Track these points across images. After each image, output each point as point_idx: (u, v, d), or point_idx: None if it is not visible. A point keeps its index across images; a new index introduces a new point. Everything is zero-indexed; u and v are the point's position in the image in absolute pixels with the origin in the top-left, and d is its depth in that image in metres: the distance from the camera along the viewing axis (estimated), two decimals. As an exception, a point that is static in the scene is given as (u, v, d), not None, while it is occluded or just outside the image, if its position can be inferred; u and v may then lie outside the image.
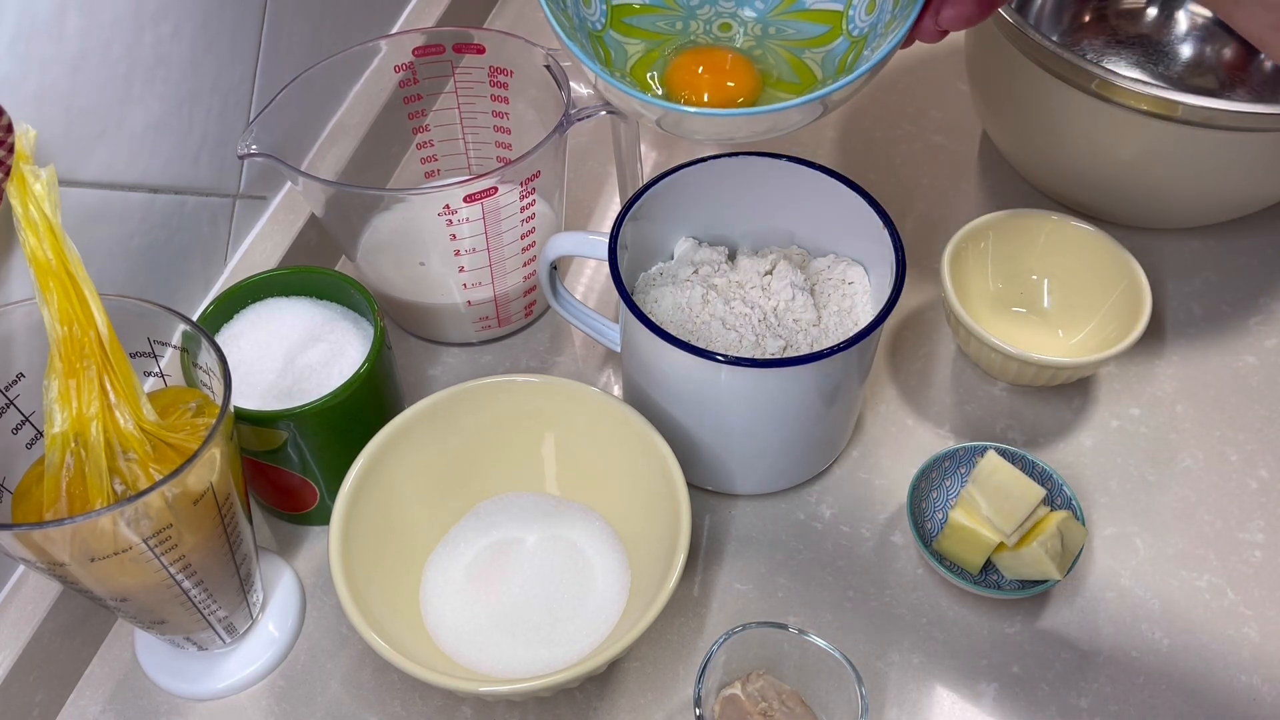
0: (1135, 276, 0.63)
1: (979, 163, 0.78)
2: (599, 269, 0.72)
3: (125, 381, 0.43)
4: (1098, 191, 0.69)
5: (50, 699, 0.53)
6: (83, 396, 0.42)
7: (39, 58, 0.47)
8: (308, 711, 0.54)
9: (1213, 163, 0.63)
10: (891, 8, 0.49)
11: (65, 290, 0.41)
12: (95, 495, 0.43)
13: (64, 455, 0.43)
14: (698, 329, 0.57)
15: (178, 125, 0.57)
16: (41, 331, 0.42)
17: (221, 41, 0.59)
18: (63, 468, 0.43)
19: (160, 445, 0.45)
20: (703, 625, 0.56)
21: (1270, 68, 0.76)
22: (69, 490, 0.43)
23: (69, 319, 0.42)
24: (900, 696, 0.54)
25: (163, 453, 0.45)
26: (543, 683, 0.46)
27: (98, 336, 0.42)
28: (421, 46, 0.64)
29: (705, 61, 0.53)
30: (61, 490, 0.43)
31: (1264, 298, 0.70)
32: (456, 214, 0.57)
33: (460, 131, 0.68)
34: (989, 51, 0.69)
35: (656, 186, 0.57)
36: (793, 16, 0.55)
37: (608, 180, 0.77)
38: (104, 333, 0.42)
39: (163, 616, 0.48)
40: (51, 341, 0.42)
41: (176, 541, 0.43)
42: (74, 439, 0.43)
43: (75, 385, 0.42)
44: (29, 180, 0.41)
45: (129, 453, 0.44)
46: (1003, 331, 0.65)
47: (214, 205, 0.62)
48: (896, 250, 0.54)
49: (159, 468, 0.44)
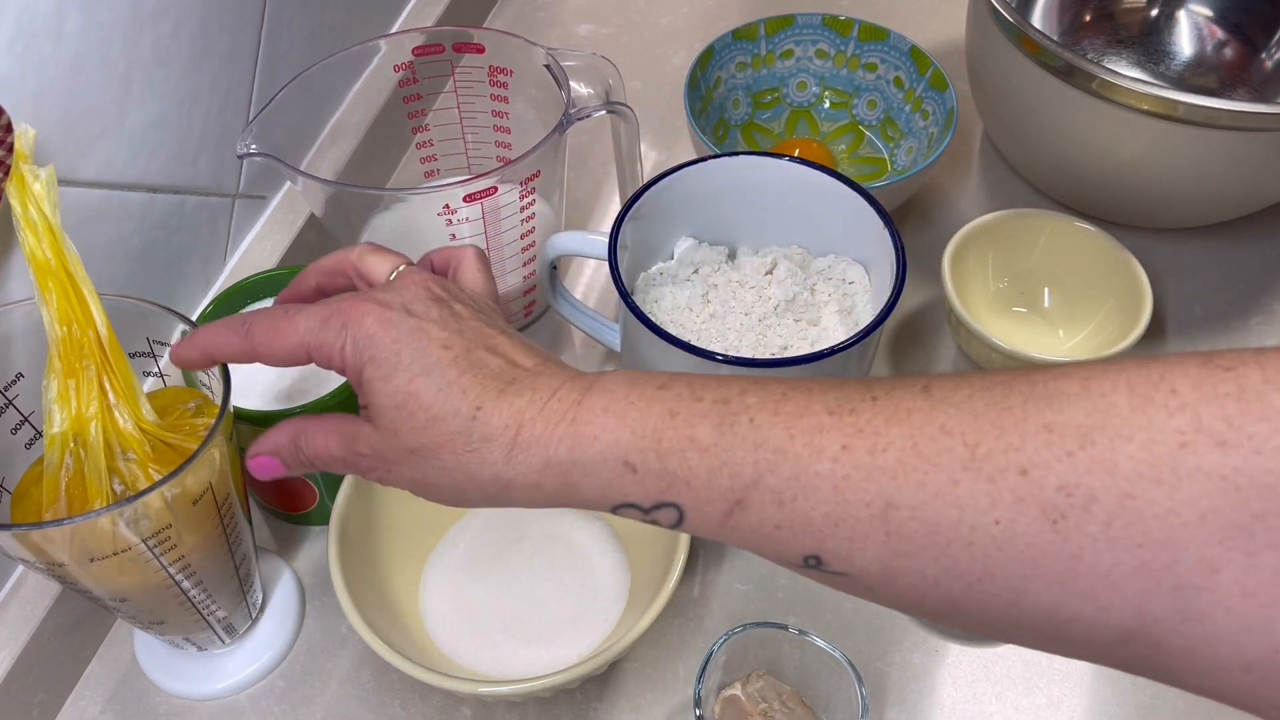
0: (1136, 276, 0.63)
1: (979, 163, 0.78)
2: (599, 269, 0.72)
3: (125, 381, 0.43)
4: (1098, 191, 0.69)
5: (50, 699, 0.53)
6: (82, 397, 0.42)
7: (38, 57, 0.47)
8: (307, 712, 0.53)
9: (1213, 163, 0.63)
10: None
11: (65, 290, 0.41)
12: (94, 495, 0.43)
13: (63, 455, 0.43)
14: (698, 329, 0.57)
15: (177, 125, 0.57)
16: (41, 331, 0.42)
17: (221, 41, 0.59)
18: (62, 468, 0.43)
19: (160, 445, 0.45)
20: (703, 625, 0.56)
21: (1270, 67, 0.76)
22: (68, 490, 0.43)
23: (68, 319, 0.42)
24: (900, 696, 0.54)
25: (162, 453, 0.45)
26: (543, 683, 0.46)
27: (97, 336, 0.42)
28: (421, 46, 0.64)
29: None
30: (61, 490, 0.43)
31: (1265, 297, 0.70)
32: (456, 214, 0.57)
33: (460, 131, 0.68)
34: (989, 51, 0.69)
35: (656, 186, 0.57)
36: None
37: (608, 180, 0.77)
38: (103, 333, 0.42)
39: (162, 617, 0.48)
40: (51, 341, 0.42)
41: (176, 542, 0.43)
42: (73, 439, 0.43)
43: (74, 385, 0.42)
44: (28, 180, 0.41)
45: (128, 453, 0.44)
46: (1003, 331, 0.65)
47: (213, 205, 0.62)
48: (897, 250, 0.54)
49: (158, 468, 0.44)
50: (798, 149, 0.73)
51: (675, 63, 0.85)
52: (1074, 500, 0.28)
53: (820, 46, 0.76)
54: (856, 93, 0.77)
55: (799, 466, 0.31)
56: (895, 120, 0.75)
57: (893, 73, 0.74)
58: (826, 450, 0.31)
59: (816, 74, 0.77)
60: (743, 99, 0.77)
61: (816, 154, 0.73)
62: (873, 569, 0.31)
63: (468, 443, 0.35)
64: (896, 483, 0.30)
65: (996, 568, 0.29)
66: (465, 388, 0.36)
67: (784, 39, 0.76)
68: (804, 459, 0.31)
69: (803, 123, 0.78)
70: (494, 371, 0.36)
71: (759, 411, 0.32)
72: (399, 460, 0.37)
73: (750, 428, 0.32)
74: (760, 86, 0.77)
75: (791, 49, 0.76)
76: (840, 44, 0.76)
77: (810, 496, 0.31)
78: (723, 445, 0.33)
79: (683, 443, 0.33)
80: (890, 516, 0.30)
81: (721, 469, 0.32)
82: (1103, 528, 0.27)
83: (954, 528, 0.29)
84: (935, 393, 0.31)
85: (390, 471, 0.37)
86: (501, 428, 0.35)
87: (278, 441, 0.40)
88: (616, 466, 0.34)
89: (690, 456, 0.33)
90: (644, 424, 0.34)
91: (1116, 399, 0.28)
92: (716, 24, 0.86)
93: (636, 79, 0.81)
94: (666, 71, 0.84)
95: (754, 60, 0.76)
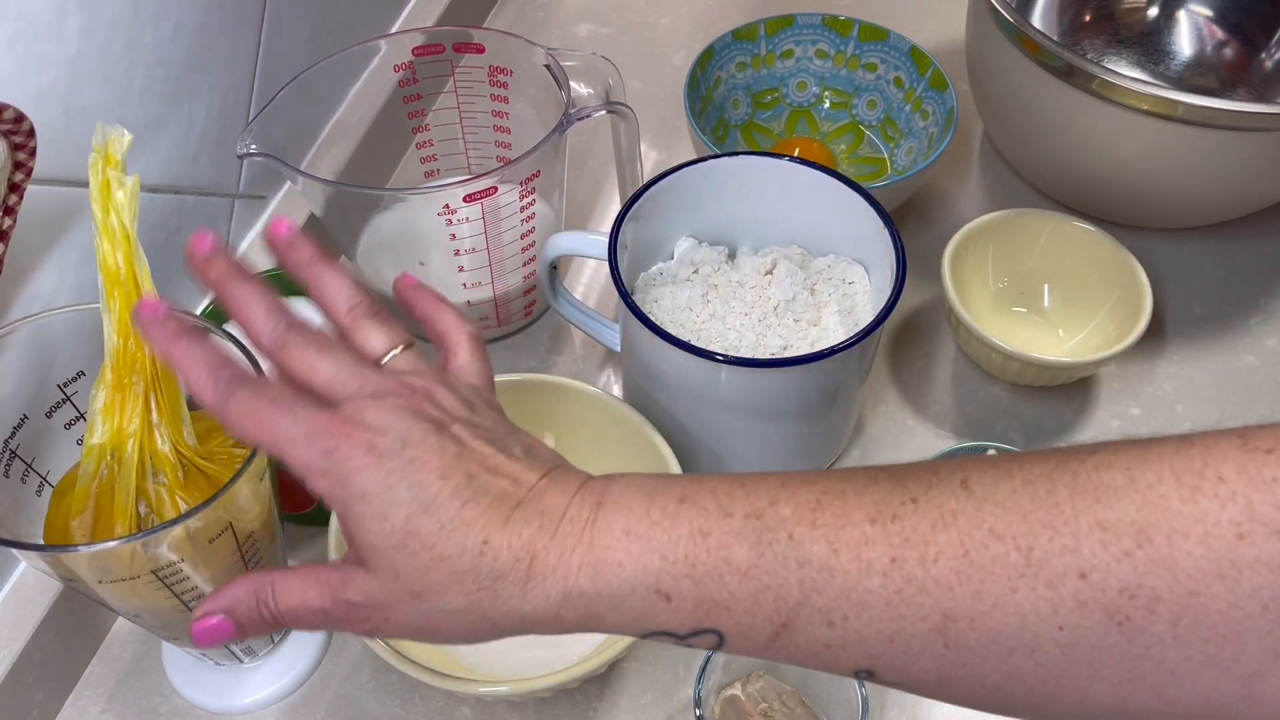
0: (1135, 276, 0.63)
1: (979, 163, 0.78)
2: (599, 269, 0.72)
3: (171, 401, 0.43)
4: (1098, 191, 0.69)
5: (50, 699, 0.53)
6: (125, 412, 0.42)
7: (38, 57, 0.47)
8: (307, 713, 0.53)
9: (1213, 162, 0.63)
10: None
11: (129, 301, 0.41)
12: (120, 514, 0.43)
13: (98, 467, 0.43)
14: (698, 329, 0.57)
15: (177, 125, 0.57)
16: (102, 337, 0.42)
17: (221, 41, 0.59)
18: (95, 478, 0.43)
19: (193, 471, 0.44)
20: (703, 625, 0.56)
21: (1270, 67, 0.76)
22: (96, 502, 0.43)
23: (126, 332, 0.41)
24: (900, 696, 0.54)
25: (194, 479, 0.44)
26: (543, 683, 0.46)
27: (151, 353, 0.42)
28: (421, 46, 0.64)
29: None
30: (90, 501, 0.43)
31: (1265, 297, 0.70)
32: (456, 214, 0.57)
33: (460, 131, 0.68)
34: (989, 51, 0.69)
35: (656, 186, 0.57)
36: None
37: (608, 180, 0.77)
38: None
39: (177, 634, 0.48)
40: (106, 351, 0.42)
41: (189, 573, 0.43)
42: (110, 453, 0.43)
43: (120, 400, 0.42)
44: (113, 186, 0.40)
45: (160, 475, 0.43)
46: (1003, 331, 0.65)
47: (213, 205, 0.62)
48: (897, 250, 0.54)
49: (185, 496, 0.44)
50: (798, 149, 0.73)
51: (675, 63, 0.85)
52: (1138, 602, 0.27)
53: (820, 46, 0.76)
54: (856, 93, 0.77)
55: (848, 584, 0.30)
56: (895, 120, 0.75)
57: (893, 73, 0.74)
58: (875, 564, 0.30)
59: (816, 74, 0.77)
60: (743, 99, 0.77)
61: (816, 154, 0.73)
62: (929, 679, 0.31)
63: (477, 580, 0.32)
64: (953, 594, 0.29)
65: (1061, 671, 0.29)
66: (469, 520, 0.32)
67: (784, 39, 0.76)
68: (852, 575, 0.30)
69: (803, 123, 0.78)
70: (498, 495, 0.33)
71: (796, 525, 0.31)
72: (399, 605, 0.33)
73: (790, 544, 0.31)
74: (760, 86, 0.77)
75: (791, 49, 0.76)
76: (840, 44, 0.76)
77: (862, 615, 0.30)
78: (763, 566, 0.31)
79: (719, 566, 0.31)
80: (948, 629, 0.29)
81: (764, 592, 0.31)
82: (1169, 626, 0.27)
83: (1016, 636, 0.29)
84: (976, 489, 0.30)
85: (389, 620, 0.33)
86: (513, 561, 0.32)
87: (233, 598, 0.35)
88: (648, 596, 0.32)
89: (729, 581, 0.31)
90: (674, 548, 0.31)
91: (1165, 490, 0.28)
92: (716, 24, 0.86)
93: (636, 79, 0.81)
94: (666, 71, 0.84)
95: (754, 60, 0.76)
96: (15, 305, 0.49)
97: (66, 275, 0.51)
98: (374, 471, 0.32)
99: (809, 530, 0.31)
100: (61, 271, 0.51)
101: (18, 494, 0.45)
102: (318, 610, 0.34)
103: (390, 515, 0.32)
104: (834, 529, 0.30)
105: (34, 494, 0.46)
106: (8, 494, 0.45)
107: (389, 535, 0.32)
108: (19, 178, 0.43)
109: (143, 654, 0.55)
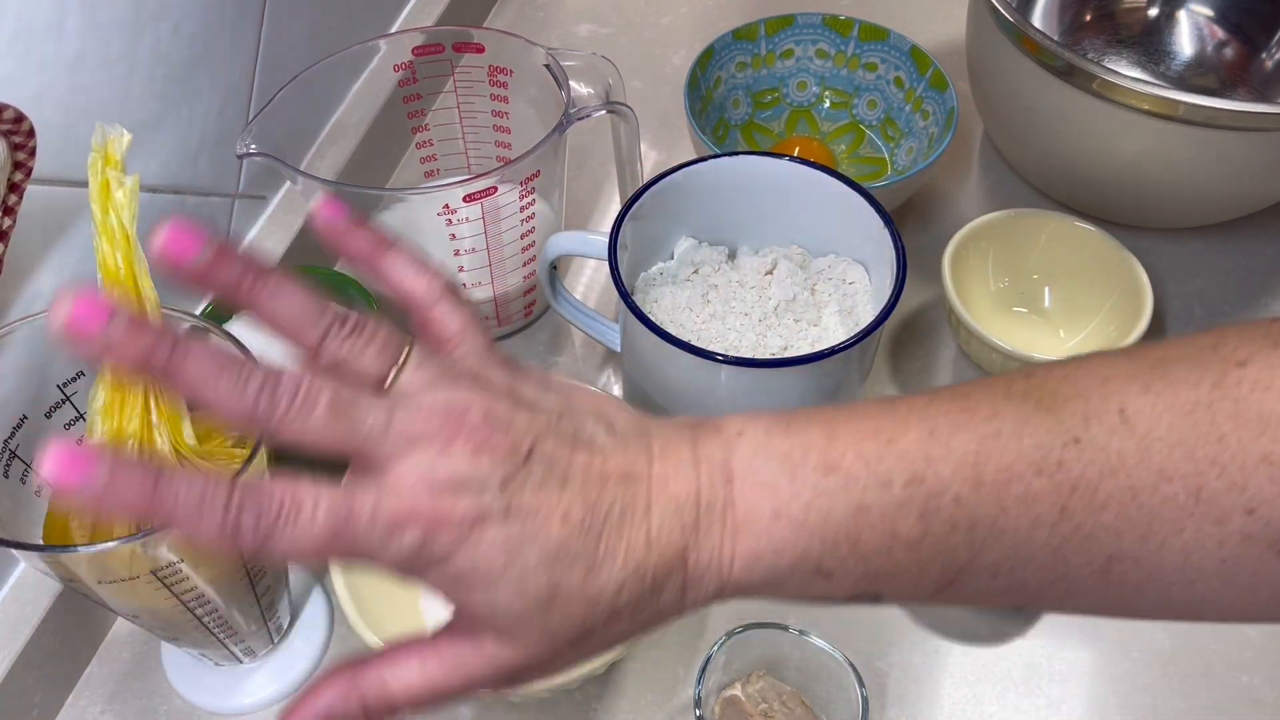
0: (1136, 276, 0.63)
1: (979, 163, 0.78)
2: (599, 269, 0.72)
3: (171, 402, 0.43)
4: (1098, 191, 0.69)
5: (50, 699, 0.53)
6: (125, 412, 0.42)
7: (38, 57, 0.47)
8: (307, 712, 0.53)
9: (1213, 163, 0.63)
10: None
11: (128, 301, 0.41)
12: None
13: None
14: (698, 329, 0.57)
15: (177, 125, 0.57)
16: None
17: (221, 41, 0.59)
18: None
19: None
20: (703, 626, 0.56)
21: (1271, 67, 0.76)
22: None
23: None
24: (900, 696, 0.54)
25: None
26: (543, 683, 0.46)
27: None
28: (421, 46, 0.64)
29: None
30: None
31: (1265, 298, 0.70)
32: (456, 214, 0.57)
33: (460, 131, 0.68)
34: (989, 51, 0.69)
35: (656, 186, 0.57)
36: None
37: (608, 180, 0.77)
38: None
39: (176, 635, 0.48)
40: None
41: (188, 574, 0.43)
42: None
43: (119, 400, 0.42)
44: (112, 186, 0.40)
45: None
46: (1003, 331, 0.65)
47: (213, 205, 0.62)
48: (897, 250, 0.54)
49: None
50: (798, 148, 0.73)
51: (675, 63, 0.85)
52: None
53: (820, 46, 0.76)
54: (856, 92, 0.77)
55: (1017, 539, 0.29)
56: (895, 120, 0.75)
57: (893, 72, 0.74)
58: (1044, 518, 0.29)
59: (817, 74, 0.77)
60: (743, 99, 0.77)
61: (817, 153, 0.73)
62: (1081, 609, 0.31)
63: (639, 604, 0.30)
64: (1119, 538, 0.29)
65: (1214, 595, 0.29)
66: (611, 550, 0.29)
67: (784, 39, 0.76)
68: (1022, 531, 0.29)
69: (803, 122, 0.78)
70: (625, 507, 0.29)
71: (960, 485, 0.29)
72: (556, 658, 0.30)
73: (957, 508, 0.29)
74: (760, 86, 0.77)
75: (791, 49, 0.76)
76: (840, 44, 0.76)
77: (1028, 565, 0.30)
78: (933, 535, 0.29)
79: (885, 540, 0.30)
80: (1112, 569, 0.29)
81: (933, 560, 0.30)
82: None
83: (1178, 571, 0.29)
84: (1137, 424, 0.29)
85: (545, 674, 0.31)
86: (667, 574, 0.30)
87: (329, 705, 0.30)
88: (805, 575, 0.30)
89: (896, 553, 0.30)
90: (833, 529, 0.30)
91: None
92: (716, 24, 0.86)
93: (636, 79, 0.81)
94: (666, 71, 0.84)
95: (754, 60, 0.76)
96: (15, 305, 0.49)
97: (66, 275, 0.51)
98: (486, 548, 0.28)
99: (974, 491, 0.29)
100: (61, 271, 0.51)
101: (18, 494, 0.45)
102: (443, 691, 0.31)
103: (528, 583, 0.29)
104: (1000, 486, 0.29)
105: (34, 494, 0.46)
106: (8, 494, 0.45)
107: (533, 600, 0.29)
108: (19, 178, 0.43)
109: (142, 654, 0.55)
